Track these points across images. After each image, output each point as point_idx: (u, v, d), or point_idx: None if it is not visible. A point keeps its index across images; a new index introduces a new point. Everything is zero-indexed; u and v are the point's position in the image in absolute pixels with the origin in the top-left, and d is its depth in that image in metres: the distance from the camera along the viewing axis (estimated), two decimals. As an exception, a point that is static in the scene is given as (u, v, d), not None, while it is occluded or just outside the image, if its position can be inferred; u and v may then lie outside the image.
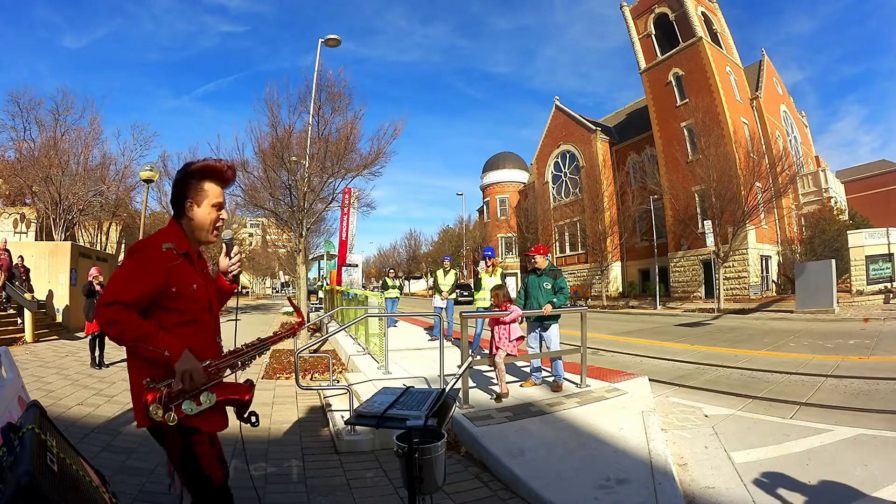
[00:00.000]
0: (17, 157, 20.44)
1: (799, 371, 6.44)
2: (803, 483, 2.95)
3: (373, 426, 1.81)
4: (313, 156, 12.08)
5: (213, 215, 1.88)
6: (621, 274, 32.54)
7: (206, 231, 1.88)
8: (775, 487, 2.90)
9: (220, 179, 1.89)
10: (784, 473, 3.08)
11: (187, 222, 1.86)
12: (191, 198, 1.84)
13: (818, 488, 2.87)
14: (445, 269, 9.60)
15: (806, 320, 13.60)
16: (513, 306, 5.04)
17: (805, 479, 2.99)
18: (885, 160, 35.02)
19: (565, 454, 3.42)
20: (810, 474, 3.06)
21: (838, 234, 22.56)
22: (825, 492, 2.82)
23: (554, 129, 37.71)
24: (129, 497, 2.90)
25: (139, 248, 1.73)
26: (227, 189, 2.01)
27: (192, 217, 1.85)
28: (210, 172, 1.86)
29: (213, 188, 1.87)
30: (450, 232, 53.69)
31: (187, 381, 1.63)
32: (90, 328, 7.35)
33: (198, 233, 1.87)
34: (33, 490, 1.15)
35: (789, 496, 2.80)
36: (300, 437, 4.35)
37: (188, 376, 1.63)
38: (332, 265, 22.48)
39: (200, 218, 1.86)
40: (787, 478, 3.02)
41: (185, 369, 1.63)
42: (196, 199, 1.84)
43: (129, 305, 1.61)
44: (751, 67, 29.96)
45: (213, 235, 1.90)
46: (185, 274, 1.77)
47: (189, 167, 1.87)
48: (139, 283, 1.65)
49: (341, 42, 11.83)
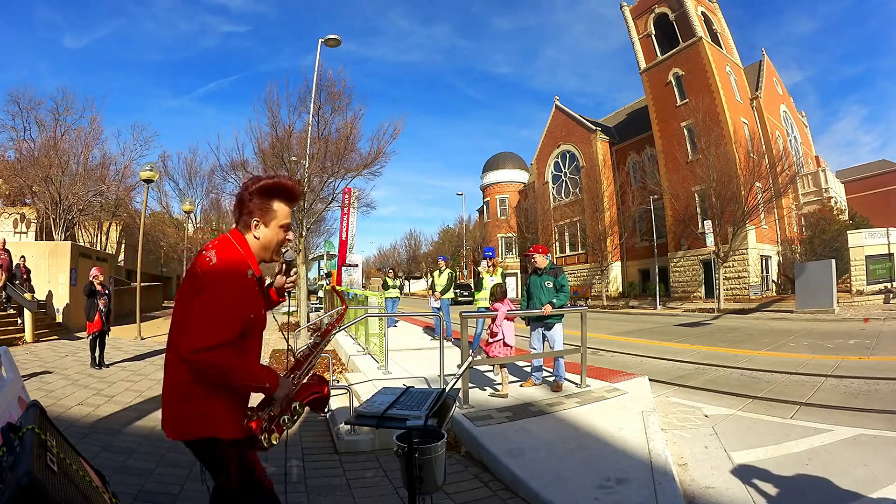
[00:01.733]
0: (17, 157, 20.44)
1: (799, 371, 6.44)
2: (803, 483, 2.95)
3: (373, 426, 1.81)
4: (313, 156, 12.10)
5: (281, 236, 1.77)
6: (621, 274, 32.54)
7: (270, 252, 1.77)
8: (775, 488, 2.90)
9: (290, 199, 1.78)
10: (784, 474, 3.09)
11: (251, 240, 1.74)
12: (258, 217, 1.72)
13: (818, 488, 2.86)
14: (440, 269, 9.59)
15: (806, 320, 13.60)
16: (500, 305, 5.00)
17: (805, 480, 2.99)
18: (885, 160, 35.04)
19: (565, 454, 3.42)
20: (810, 474, 3.06)
21: (838, 234, 22.55)
22: (825, 492, 2.82)
23: (554, 129, 37.71)
24: (129, 497, 2.90)
25: (231, 279, 1.58)
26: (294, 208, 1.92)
27: (259, 237, 1.73)
28: (281, 191, 1.75)
29: (282, 208, 1.76)
30: (450, 232, 53.74)
31: (287, 405, 1.67)
32: (91, 328, 7.36)
33: (262, 252, 1.76)
34: (33, 490, 1.15)
35: (789, 496, 2.80)
36: (300, 437, 4.35)
37: (287, 400, 1.67)
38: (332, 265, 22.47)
39: (268, 239, 1.75)
40: (787, 478, 3.02)
41: (286, 395, 1.66)
42: (264, 220, 1.73)
43: (233, 344, 1.53)
44: (751, 67, 29.96)
45: (277, 256, 1.81)
46: (258, 298, 1.71)
47: (258, 183, 1.73)
48: (241, 315, 1.57)
49: (341, 42, 11.85)
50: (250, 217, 1.72)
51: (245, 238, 1.73)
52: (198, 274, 1.60)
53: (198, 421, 1.57)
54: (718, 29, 28.61)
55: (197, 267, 1.62)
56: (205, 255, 1.63)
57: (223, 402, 1.60)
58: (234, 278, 1.59)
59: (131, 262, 21.80)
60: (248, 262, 1.67)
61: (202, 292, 1.55)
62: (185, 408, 1.58)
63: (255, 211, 1.72)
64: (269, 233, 1.75)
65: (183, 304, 1.63)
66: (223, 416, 1.60)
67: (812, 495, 2.80)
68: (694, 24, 26.71)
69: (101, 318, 7.35)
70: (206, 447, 1.61)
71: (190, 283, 1.63)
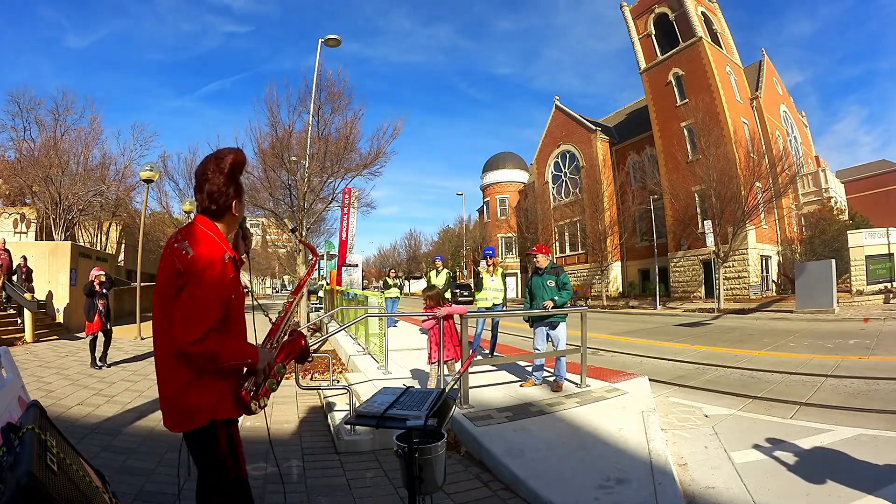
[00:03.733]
0: (17, 157, 20.43)
1: (799, 371, 6.44)
2: (803, 483, 2.95)
3: (373, 426, 1.81)
4: (313, 156, 12.09)
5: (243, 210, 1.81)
6: (621, 274, 32.54)
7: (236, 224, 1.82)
8: (775, 487, 2.90)
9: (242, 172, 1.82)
10: (784, 474, 3.08)
11: (230, 220, 1.75)
12: (236, 199, 1.73)
13: (818, 488, 2.86)
14: (438, 270, 9.55)
15: (806, 320, 13.60)
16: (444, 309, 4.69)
17: (805, 480, 2.99)
18: (885, 160, 35.05)
19: (565, 454, 3.42)
20: (810, 474, 3.06)
21: (838, 234, 22.56)
22: (825, 492, 2.82)
23: (554, 129, 37.72)
24: (129, 497, 2.90)
25: (208, 265, 1.60)
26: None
27: (237, 214, 1.75)
28: (243, 165, 1.77)
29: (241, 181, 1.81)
30: (450, 232, 53.76)
31: (270, 370, 1.76)
32: (90, 328, 7.37)
33: (230, 229, 1.78)
34: (33, 490, 1.15)
35: (789, 496, 2.80)
36: (300, 437, 4.35)
37: (269, 367, 1.75)
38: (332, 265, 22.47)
39: (240, 215, 1.78)
40: (787, 478, 3.02)
41: (267, 363, 1.75)
42: (240, 200, 1.76)
43: (217, 329, 1.58)
44: (751, 67, 29.96)
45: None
46: (236, 278, 1.75)
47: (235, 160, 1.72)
48: (219, 300, 1.61)
49: (341, 42, 11.85)
50: (228, 201, 1.71)
51: (215, 224, 1.72)
52: (178, 269, 1.59)
53: (197, 409, 1.63)
54: (718, 29, 28.62)
55: (176, 262, 1.60)
56: (178, 248, 1.62)
57: (217, 385, 1.66)
58: (215, 269, 1.61)
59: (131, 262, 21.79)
60: (224, 248, 1.69)
61: (186, 286, 1.57)
62: (184, 399, 1.63)
63: (231, 195, 1.71)
64: (241, 209, 1.78)
65: (165, 300, 1.62)
66: (219, 398, 1.66)
67: (812, 495, 2.80)
68: (694, 24, 26.71)
69: (100, 318, 7.36)
70: (206, 433, 1.66)
71: (170, 277, 1.61)
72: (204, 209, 1.72)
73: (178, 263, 1.59)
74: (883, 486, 2.81)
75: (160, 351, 1.67)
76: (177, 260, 1.60)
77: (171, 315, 1.58)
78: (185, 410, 1.63)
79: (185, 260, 1.59)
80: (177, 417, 1.66)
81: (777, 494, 2.82)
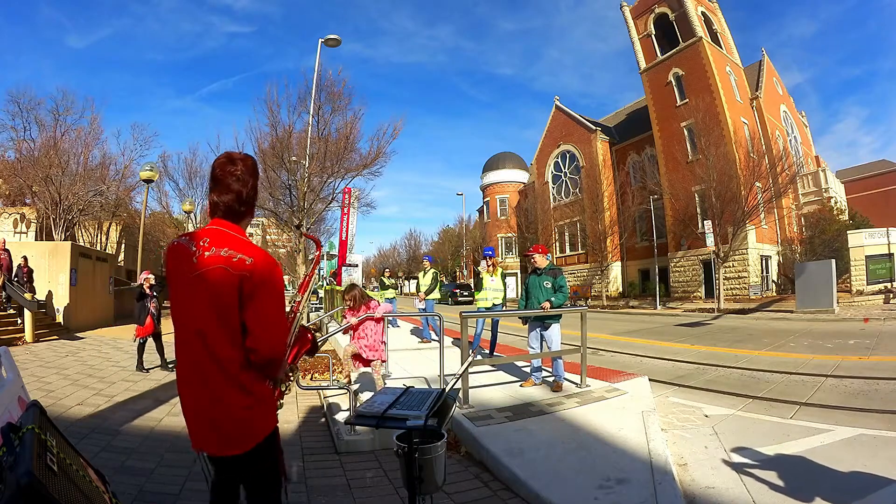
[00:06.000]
0: (17, 157, 20.44)
1: (799, 371, 6.44)
2: (804, 483, 2.95)
3: (373, 426, 1.81)
4: (313, 156, 12.10)
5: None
6: (621, 274, 32.53)
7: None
8: (775, 488, 2.90)
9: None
10: (784, 474, 3.08)
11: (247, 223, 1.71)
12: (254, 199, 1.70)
13: (819, 489, 2.86)
14: (425, 269, 9.55)
15: (806, 320, 13.60)
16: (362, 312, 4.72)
17: (805, 480, 2.99)
18: (885, 160, 35.05)
19: (565, 454, 3.42)
20: (811, 474, 3.06)
21: (838, 234, 22.55)
22: (825, 492, 2.81)
23: (554, 129, 37.71)
24: (129, 497, 2.90)
25: (272, 268, 1.56)
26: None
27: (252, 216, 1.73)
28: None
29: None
30: (450, 232, 53.76)
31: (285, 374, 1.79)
32: (141, 331, 7.20)
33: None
34: (33, 490, 1.15)
35: (790, 496, 2.80)
36: (300, 437, 4.35)
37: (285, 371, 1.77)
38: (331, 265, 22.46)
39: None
40: (787, 478, 3.02)
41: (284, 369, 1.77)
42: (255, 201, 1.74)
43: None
44: (751, 67, 29.95)
45: None
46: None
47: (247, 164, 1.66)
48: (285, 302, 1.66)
49: (341, 42, 11.86)
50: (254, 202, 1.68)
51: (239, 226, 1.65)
52: (240, 276, 1.50)
53: (262, 420, 1.61)
54: (718, 29, 28.61)
55: (230, 270, 1.50)
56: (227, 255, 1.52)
57: (271, 393, 1.68)
58: (278, 271, 1.59)
59: (131, 262, 21.81)
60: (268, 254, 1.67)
61: (256, 293, 1.51)
62: (250, 415, 1.55)
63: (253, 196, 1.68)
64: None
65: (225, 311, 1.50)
66: (273, 406, 1.70)
67: (812, 495, 2.79)
68: (694, 24, 26.70)
69: (152, 320, 7.25)
70: (267, 445, 1.62)
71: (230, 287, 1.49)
72: (227, 210, 1.61)
73: (235, 271, 1.50)
74: (883, 486, 2.81)
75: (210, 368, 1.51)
76: (230, 268, 1.50)
77: (236, 325, 1.51)
78: (249, 428, 1.55)
79: (246, 267, 1.50)
80: (236, 437, 1.53)
81: (777, 494, 2.82)
